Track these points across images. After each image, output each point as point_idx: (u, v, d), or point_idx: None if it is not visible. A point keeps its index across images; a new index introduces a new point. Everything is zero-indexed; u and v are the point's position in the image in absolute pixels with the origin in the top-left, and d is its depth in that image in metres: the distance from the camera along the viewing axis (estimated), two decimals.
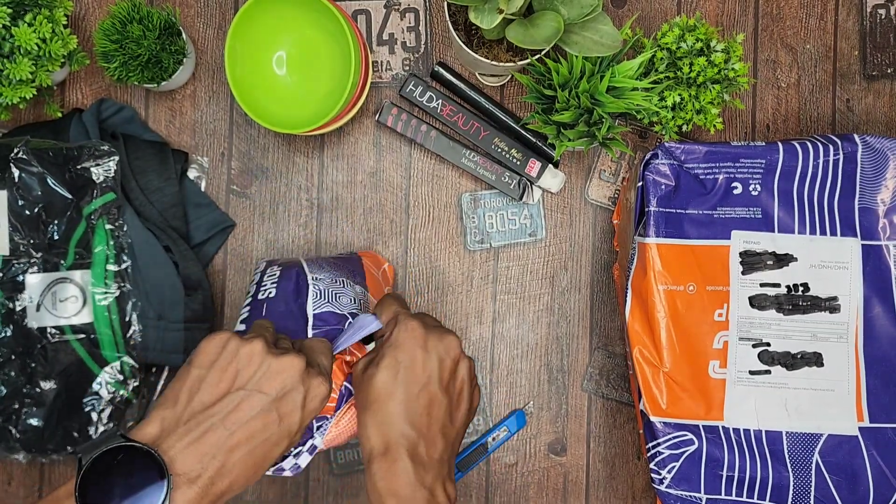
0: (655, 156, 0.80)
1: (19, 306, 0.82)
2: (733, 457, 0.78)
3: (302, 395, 0.62)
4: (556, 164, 0.89)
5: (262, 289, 0.76)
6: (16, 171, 0.81)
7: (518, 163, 0.88)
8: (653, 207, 0.80)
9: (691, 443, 0.78)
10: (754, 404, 0.79)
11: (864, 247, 0.80)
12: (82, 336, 0.82)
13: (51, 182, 0.81)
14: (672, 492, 0.78)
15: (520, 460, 0.89)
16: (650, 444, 0.79)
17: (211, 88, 0.90)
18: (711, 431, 0.79)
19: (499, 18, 0.71)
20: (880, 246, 0.80)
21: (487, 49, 0.81)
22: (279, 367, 0.61)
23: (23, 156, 0.81)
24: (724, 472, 0.78)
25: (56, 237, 0.82)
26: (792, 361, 0.79)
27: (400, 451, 0.64)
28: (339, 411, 0.70)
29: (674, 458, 0.78)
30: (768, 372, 0.79)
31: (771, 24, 0.91)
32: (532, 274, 0.90)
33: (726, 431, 0.79)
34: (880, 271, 0.80)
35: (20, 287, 0.82)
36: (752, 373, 0.79)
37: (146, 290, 0.83)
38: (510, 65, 0.80)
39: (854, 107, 0.91)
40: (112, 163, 0.82)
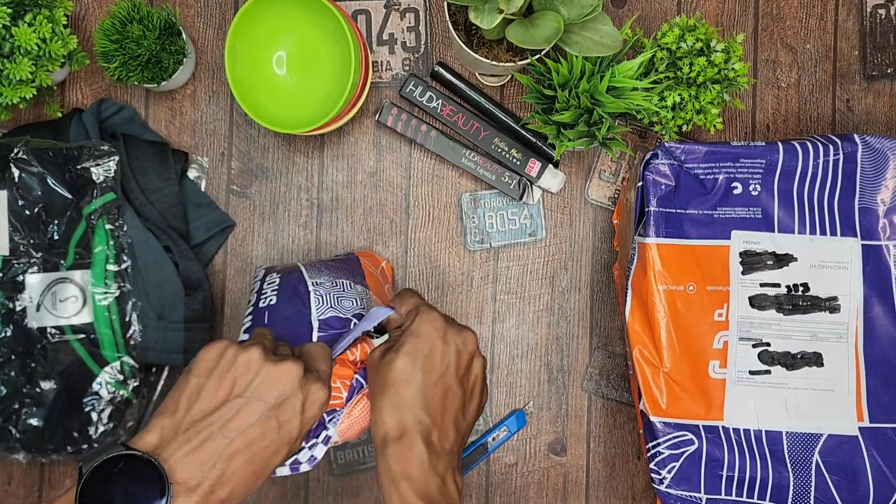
0: (655, 156, 0.80)
1: (19, 306, 0.82)
2: (733, 457, 0.78)
3: (300, 402, 0.62)
4: (556, 164, 0.89)
5: (262, 297, 0.76)
6: (16, 171, 0.81)
7: (518, 163, 0.88)
8: (653, 207, 0.80)
9: (691, 443, 0.78)
10: (754, 404, 0.79)
11: (864, 247, 0.80)
12: (82, 336, 0.82)
13: (51, 182, 0.81)
14: (672, 492, 0.78)
15: (520, 460, 0.89)
16: (650, 444, 0.79)
17: (211, 88, 0.90)
18: (711, 431, 0.79)
19: (499, 18, 0.71)
20: (880, 246, 0.80)
21: (487, 49, 0.81)
22: (277, 373, 0.61)
23: (23, 156, 0.81)
24: (724, 472, 0.78)
25: (56, 237, 0.82)
26: (792, 361, 0.79)
27: (415, 437, 0.64)
28: (350, 402, 0.70)
29: (674, 458, 0.78)
30: (768, 372, 0.79)
31: (771, 24, 0.91)
32: (532, 274, 0.90)
33: (726, 431, 0.79)
34: (880, 271, 0.80)
35: (20, 287, 0.82)
36: (752, 373, 0.79)
37: (146, 290, 0.83)
38: (510, 65, 0.80)
39: (854, 107, 0.91)
40: (112, 163, 0.82)
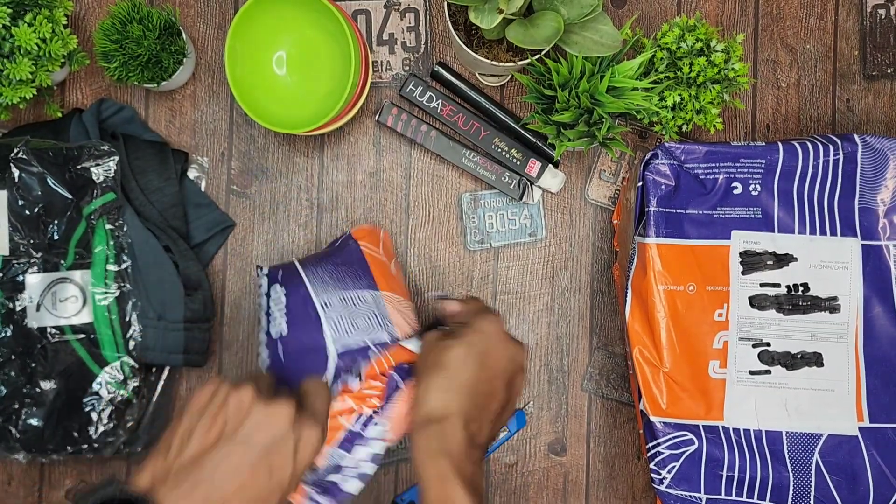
0: (655, 156, 0.80)
1: (19, 306, 0.82)
2: (733, 457, 0.78)
3: (292, 444, 0.62)
4: (556, 164, 0.89)
5: (271, 321, 0.76)
6: (16, 171, 0.81)
7: (518, 163, 0.88)
8: (653, 207, 0.80)
9: (691, 443, 0.78)
10: (754, 404, 0.79)
11: (864, 247, 0.80)
12: (82, 336, 0.82)
13: (51, 182, 0.81)
14: (672, 492, 0.78)
15: (520, 460, 0.89)
16: (650, 444, 0.79)
17: (211, 88, 0.90)
18: (711, 431, 0.79)
19: (499, 18, 0.71)
20: (880, 246, 0.80)
21: (487, 49, 0.81)
22: (268, 415, 0.61)
23: (23, 156, 0.81)
24: (724, 472, 0.78)
25: (56, 237, 0.82)
26: (792, 361, 0.79)
27: (457, 422, 0.65)
28: (388, 404, 0.71)
29: (674, 458, 0.78)
30: (768, 372, 0.79)
31: (771, 24, 0.91)
32: (532, 274, 0.90)
33: (726, 431, 0.79)
34: (880, 271, 0.80)
35: (20, 287, 0.82)
36: (752, 373, 0.79)
37: (146, 290, 0.83)
38: (510, 65, 0.80)
39: (854, 107, 0.91)
40: (112, 163, 0.82)
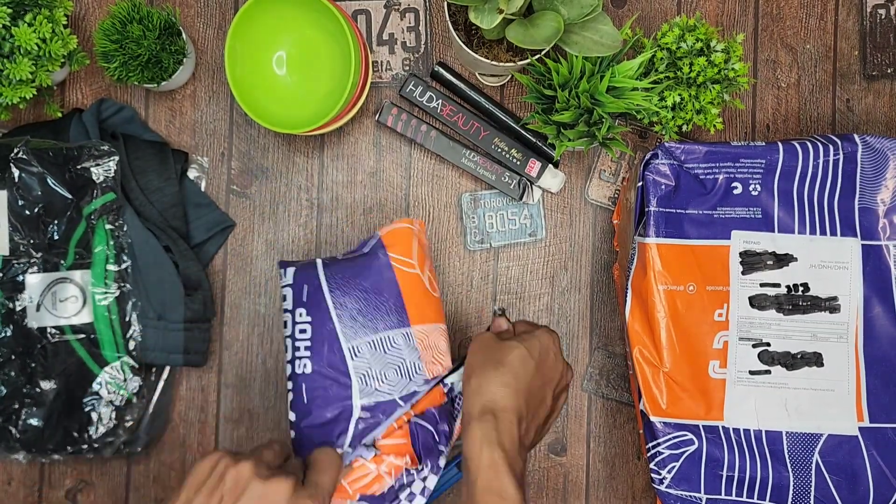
0: (655, 156, 0.80)
1: (19, 306, 0.82)
2: (733, 457, 0.78)
3: None
4: (556, 164, 0.89)
5: (297, 356, 0.75)
6: (16, 171, 0.81)
7: (518, 163, 0.88)
8: (653, 207, 0.80)
9: (691, 443, 0.78)
10: (754, 404, 0.79)
11: (864, 247, 0.80)
12: (82, 336, 0.82)
13: (51, 182, 0.81)
14: (672, 492, 0.78)
15: None
16: (650, 444, 0.79)
17: (211, 88, 0.90)
18: (711, 431, 0.79)
19: (499, 18, 0.71)
20: (880, 246, 0.80)
21: (487, 49, 0.81)
22: (264, 492, 0.61)
23: (23, 156, 0.81)
24: (724, 472, 0.78)
25: (56, 237, 0.82)
26: (792, 361, 0.79)
27: (513, 418, 0.66)
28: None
29: (674, 458, 0.78)
30: (768, 372, 0.79)
31: (771, 24, 0.91)
32: (532, 274, 0.90)
33: (726, 431, 0.79)
34: (880, 271, 0.80)
35: (20, 287, 0.82)
36: (752, 373, 0.79)
37: (146, 290, 0.83)
38: (510, 65, 0.80)
39: (854, 107, 0.91)
40: (112, 163, 0.82)
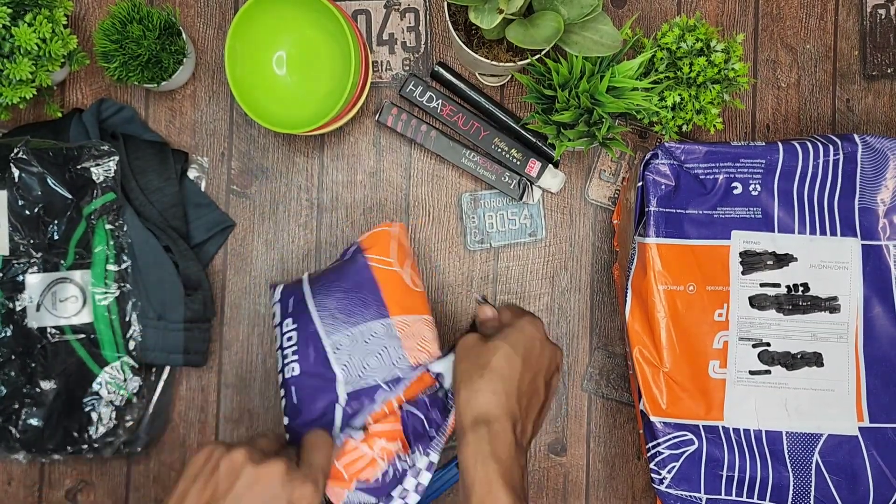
0: (655, 156, 0.80)
1: (19, 306, 0.82)
2: (733, 457, 0.78)
3: (285, 501, 0.62)
4: (556, 164, 0.89)
5: (285, 361, 0.76)
6: (16, 171, 0.81)
7: (518, 163, 0.88)
8: (653, 207, 0.80)
9: (691, 443, 0.78)
10: (754, 404, 0.79)
11: (864, 247, 0.80)
12: (82, 336, 0.82)
13: (51, 182, 0.81)
14: (672, 492, 0.78)
15: None
16: (650, 444, 0.79)
17: (211, 88, 0.90)
18: (711, 431, 0.79)
19: (499, 18, 0.71)
20: (880, 246, 0.80)
21: (487, 49, 0.81)
22: (258, 475, 0.62)
23: (23, 156, 0.81)
24: (724, 472, 0.78)
25: (56, 237, 0.82)
26: (792, 361, 0.79)
27: (507, 424, 0.66)
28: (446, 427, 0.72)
29: (674, 458, 0.78)
30: (768, 372, 0.79)
31: (771, 24, 0.91)
32: (532, 274, 0.90)
33: (726, 431, 0.79)
34: (880, 271, 0.80)
35: (20, 287, 0.82)
36: (752, 373, 0.79)
37: (146, 290, 0.83)
38: (510, 65, 0.80)
39: (854, 107, 0.91)
40: (112, 163, 0.82)
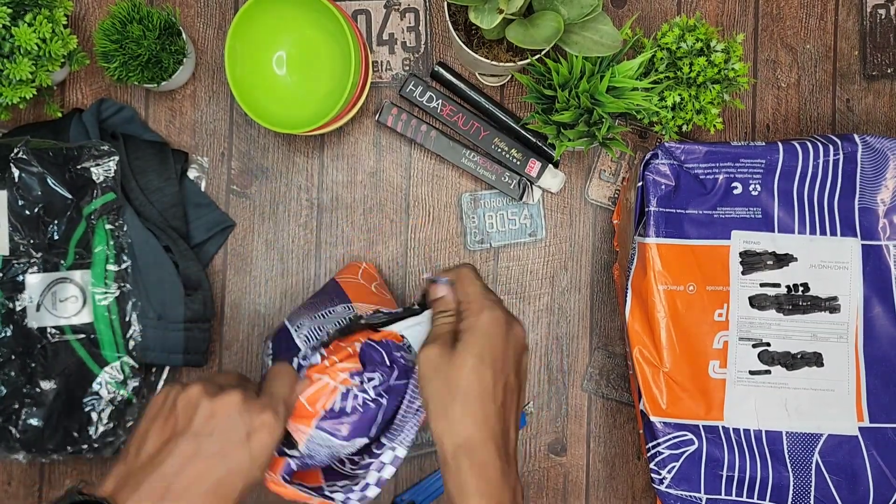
0: (655, 156, 0.80)
1: (19, 306, 0.82)
2: (733, 457, 0.78)
3: (244, 430, 0.62)
4: (556, 164, 0.89)
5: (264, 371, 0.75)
6: (16, 171, 0.81)
7: (518, 163, 0.88)
8: (653, 207, 0.80)
9: (691, 443, 0.78)
10: (754, 404, 0.79)
11: (864, 247, 0.80)
12: (82, 336, 0.82)
13: (51, 182, 0.81)
14: (672, 492, 0.78)
15: (519, 460, 0.89)
16: (650, 444, 0.79)
17: (211, 88, 0.90)
18: (711, 431, 0.79)
19: (499, 18, 0.71)
20: (880, 246, 0.80)
21: (487, 49, 0.81)
22: (214, 407, 0.62)
23: (23, 156, 0.81)
24: (724, 472, 0.78)
25: (56, 237, 0.82)
26: (792, 361, 0.79)
27: (490, 447, 0.62)
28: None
29: (674, 458, 0.78)
30: (768, 372, 0.79)
31: (771, 24, 0.91)
32: (532, 274, 0.90)
33: (726, 431, 0.79)
34: (880, 271, 0.80)
35: (20, 287, 0.82)
36: (752, 373, 0.79)
37: (146, 290, 0.83)
38: (510, 65, 0.80)
39: (854, 107, 0.91)
40: (112, 163, 0.82)
